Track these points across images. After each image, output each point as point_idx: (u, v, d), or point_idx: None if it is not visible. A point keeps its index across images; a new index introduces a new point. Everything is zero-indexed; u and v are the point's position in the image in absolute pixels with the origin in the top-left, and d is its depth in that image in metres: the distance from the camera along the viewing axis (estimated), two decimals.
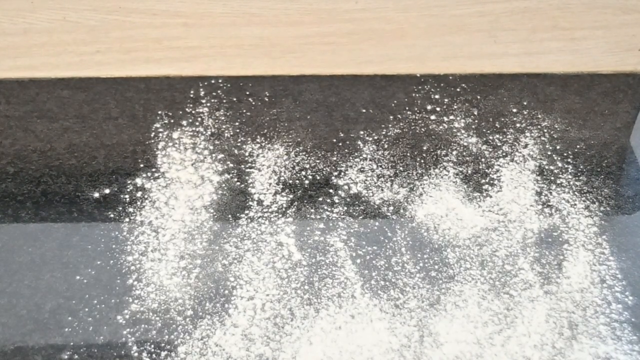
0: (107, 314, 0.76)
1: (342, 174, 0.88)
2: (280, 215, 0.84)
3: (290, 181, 0.87)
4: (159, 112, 0.93)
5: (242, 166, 0.88)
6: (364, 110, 0.94)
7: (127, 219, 0.83)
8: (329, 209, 0.85)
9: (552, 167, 0.90)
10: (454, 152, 0.90)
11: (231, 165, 0.88)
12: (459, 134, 0.92)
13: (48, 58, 0.97)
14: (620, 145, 0.93)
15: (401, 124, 0.93)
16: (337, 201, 0.85)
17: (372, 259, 0.81)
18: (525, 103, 0.96)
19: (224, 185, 0.87)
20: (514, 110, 0.95)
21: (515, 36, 1.01)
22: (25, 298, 0.77)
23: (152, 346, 0.74)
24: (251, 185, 0.87)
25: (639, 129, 0.96)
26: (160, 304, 0.77)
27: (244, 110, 0.93)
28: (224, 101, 0.94)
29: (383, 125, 0.93)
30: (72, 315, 0.76)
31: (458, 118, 0.94)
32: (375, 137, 0.91)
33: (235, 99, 0.94)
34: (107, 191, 0.86)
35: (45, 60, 0.97)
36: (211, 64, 0.97)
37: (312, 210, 0.85)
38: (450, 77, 0.98)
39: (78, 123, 0.92)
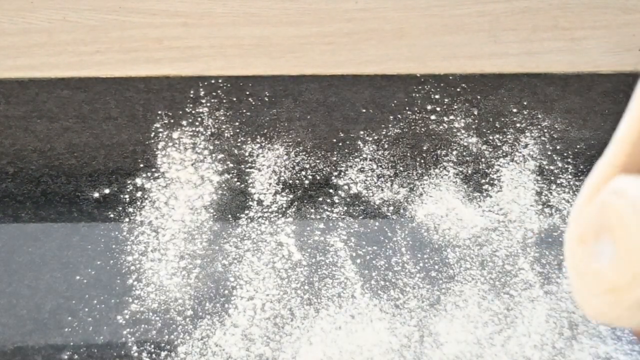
0: (107, 314, 0.76)
1: (342, 174, 0.88)
2: (280, 215, 0.84)
3: (290, 181, 0.87)
4: (159, 112, 0.93)
5: (242, 166, 0.88)
6: (364, 110, 0.94)
7: (127, 219, 0.83)
8: (329, 209, 0.85)
9: (552, 167, 0.90)
10: (454, 152, 0.90)
11: (231, 165, 0.88)
12: (459, 134, 0.92)
13: (48, 58, 0.97)
14: None
15: (401, 124, 0.93)
16: (337, 201, 0.85)
17: (372, 259, 0.81)
18: (525, 103, 0.96)
19: (224, 185, 0.87)
20: (514, 110, 0.95)
21: (515, 36, 1.01)
22: (25, 298, 0.77)
23: (152, 346, 0.74)
24: (251, 185, 0.87)
25: None
26: (160, 304, 0.77)
27: (244, 110, 0.93)
28: (224, 101, 0.94)
29: (383, 125, 0.92)
30: (72, 315, 0.76)
31: (458, 118, 0.94)
32: (375, 137, 0.91)
33: (235, 99, 0.94)
34: (107, 191, 0.86)
35: (45, 60, 0.97)
36: (211, 63, 0.97)
37: (312, 210, 0.85)
38: (450, 77, 0.98)
39: (78, 123, 0.92)
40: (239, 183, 0.87)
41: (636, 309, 0.44)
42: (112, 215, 0.84)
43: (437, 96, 0.96)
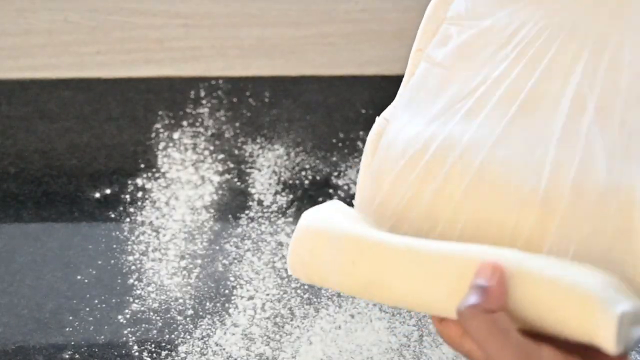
0: (108, 313, 0.76)
1: (342, 174, 0.88)
2: (280, 215, 0.84)
3: (290, 181, 0.87)
4: (160, 113, 0.93)
5: (243, 166, 0.89)
6: (363, 111, 0.94)
7: (127, 219, 0.84)
8: None
9: None
10: None
11: (231, 165, 0.89)
12: None
13: (49, 59, 0.97)
14: None
15: None
16: None
17: None
18: None
19: (224, 185, 0.87)
20: None
21: None
22: (26, 298, 0.77)
23: (153, 345, 0.74)
24: (251, 185, 0.87)
25: None
26: (160, 303, 0.77)
27: (244, 111, 0.94)
28: (224, 102, 0.94)
29: None
30: (73, 315, 0.76)
31: None
32: None
33: (235, 100, 0.95)
34: (108, 191, 0.86)
35: (46, 61, 0.97)
36: (211, 64, 0.98)
37: None
38: None
39: (79, 123, 0.92)
40: (239, 183, 0.87)
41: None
42: (113, 215, 0.84)
43: None
